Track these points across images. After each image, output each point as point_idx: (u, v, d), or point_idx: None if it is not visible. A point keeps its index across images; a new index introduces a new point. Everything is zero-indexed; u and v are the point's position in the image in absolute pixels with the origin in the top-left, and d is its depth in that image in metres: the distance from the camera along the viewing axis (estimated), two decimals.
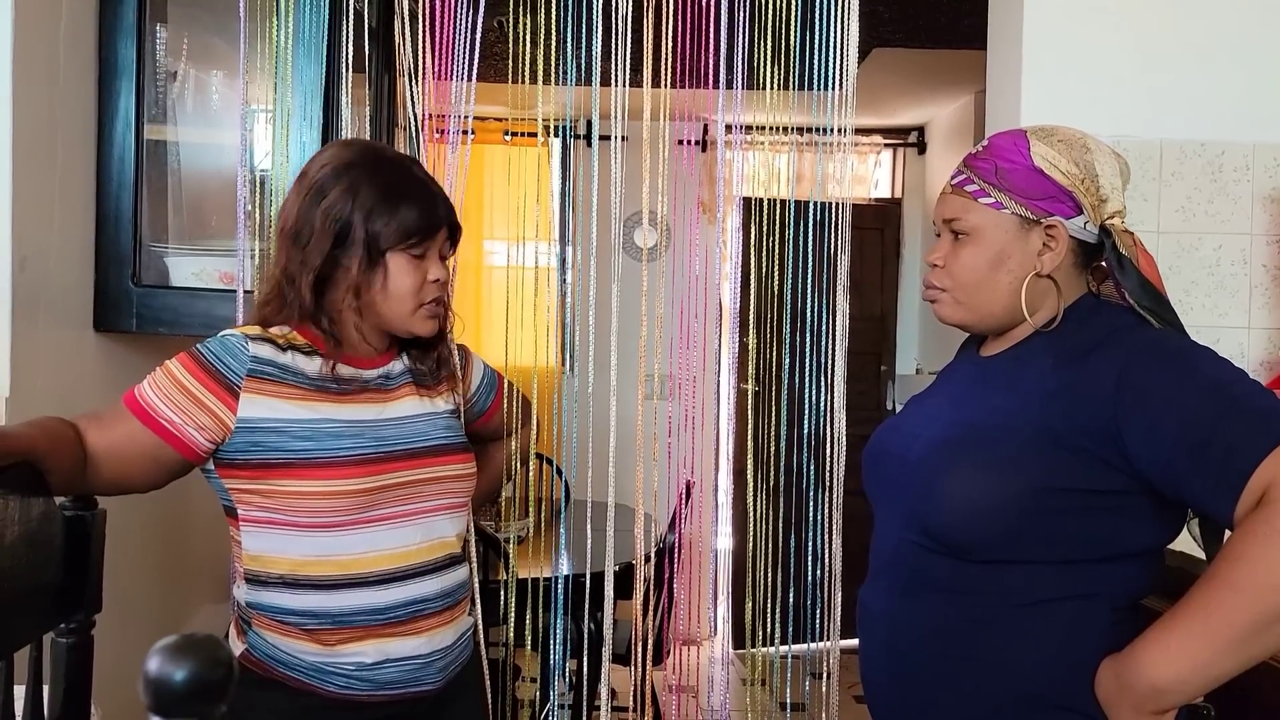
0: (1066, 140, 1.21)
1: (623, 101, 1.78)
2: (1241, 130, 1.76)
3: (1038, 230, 1.19)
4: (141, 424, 1.25)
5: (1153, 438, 1.07)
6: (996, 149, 1.24)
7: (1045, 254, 1.19)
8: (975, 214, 1.22)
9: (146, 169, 1.90)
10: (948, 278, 1.26)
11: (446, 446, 1.40)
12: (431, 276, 1.35)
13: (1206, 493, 1.05)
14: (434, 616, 1.35)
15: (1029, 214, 1.19)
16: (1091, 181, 1.18)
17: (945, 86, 4.07)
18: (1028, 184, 1.19)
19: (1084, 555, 1.13)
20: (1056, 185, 1.18)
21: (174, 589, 2.19)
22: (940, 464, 1.19)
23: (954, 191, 1.26)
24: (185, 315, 1.90)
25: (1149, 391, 1.08)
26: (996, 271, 1.21)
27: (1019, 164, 1.20)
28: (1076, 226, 1.19)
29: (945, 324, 1.28)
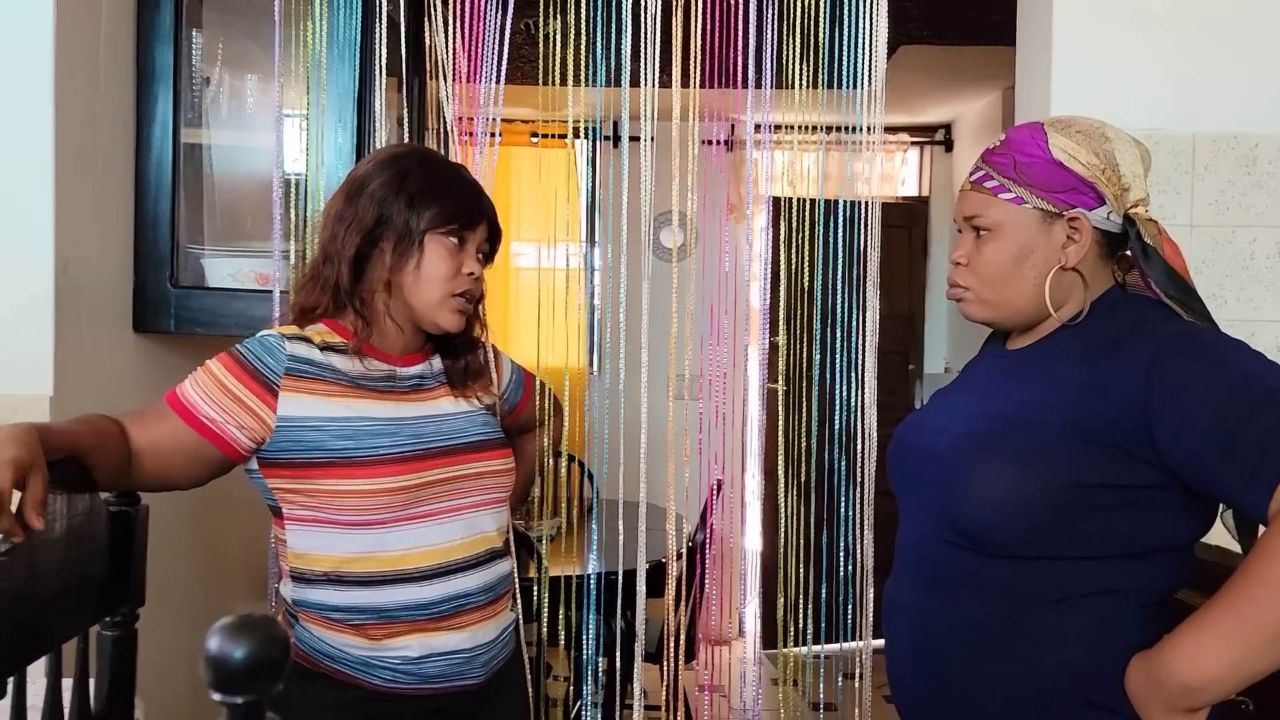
0: (1085, 131, 1.20)
1: (650, 102, 1.79)
2: (1276, 122, 1.74)
3: (1060, 223, 1.19)
4: (183, 422, 1.28)
5: (1184, 431, 1.06)
6: (1014, 143, 1.23)
7: (1069, 247, 1.19)
8: (996, 210, 1.21)
9: (183, 172, 1.94)
10: (971, 275, 1.25)
11: (486, 442, 1.42)
12: (467, 269, 1.37)
13: (1238, 487, 1.04)
14: (477, 611, 1.36)
15: (1051, 207, 1.18)
16: (1112, 171, 1.18)
17: (972, 83, 4.05)
18: (1048, 177, 1.18)
19: (1115, 551, 1.12)
20: (1077, 177, 1.17)
21: (210, 584, 2.22)
22: (968, 459, 1.19)
23: (973, 188, 1.25)
24: (222, 315, 1.93)
25: (1180, 384, 1.07)
26: (1020, 267, 1.20)
27: (1038, 157, 1.19)
28: (1100, 217, 1.18)
29: (971, 322, 1.28)
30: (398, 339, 1.40)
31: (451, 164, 1.43)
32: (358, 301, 1.36)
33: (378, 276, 1.36)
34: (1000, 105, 4.12)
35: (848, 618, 1.88)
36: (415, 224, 1.34)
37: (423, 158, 1.40)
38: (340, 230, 1.35)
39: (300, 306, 1.38)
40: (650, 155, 1.75)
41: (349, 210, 1.36)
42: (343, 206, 1.37)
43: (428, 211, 1.34)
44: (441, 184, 1.37)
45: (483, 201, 1.41)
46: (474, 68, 1.82)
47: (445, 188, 1.36)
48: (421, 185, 1.35)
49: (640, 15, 1.78)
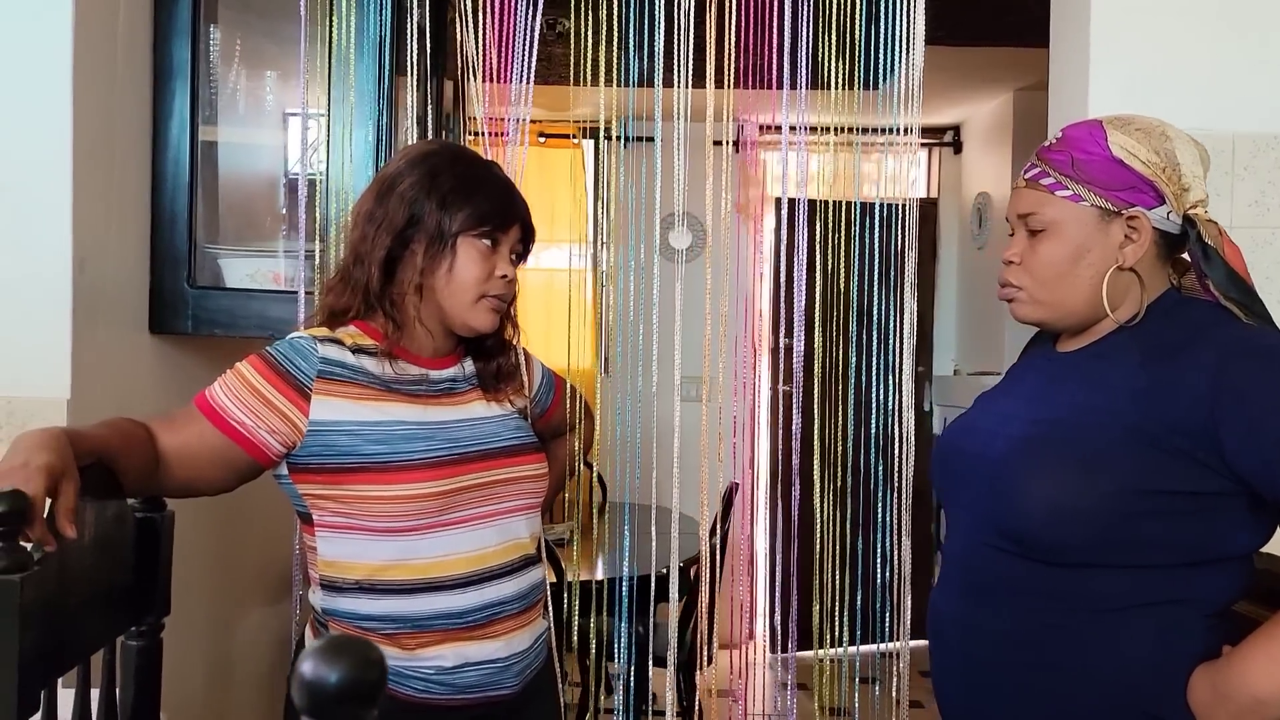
0: (1145, 129, 1.17)
1: (684, 102, 1.76)
2: None
3: (1119, 222, 1.16)
4: (213, 426, 1.24)
5: (1253, 437, 1.03)
6: (1072, 140, 1.20)
7: (1127, 246, 1.16)
8: (1052, 208, 1.18)
9: (200, 170, 1.90)
10: (1025, 275, 1.22)
11: (520, 447, 1.39)
12: (500, 272, 1.34)
13: None
14: (511, 619, 1.33)
15: (1109, 205, 1.15)
16: (1173, 170, 1.15)
17: (983, 85, 4.03)
18: (1107, 175, 1.15)
19: (1176, 559, 1.09)
20: (1137, 175, 1.15)
21: (225, 591, 2.18)
22: (1024, 464, 1.16)
23: (1028, 185, 1.22)
24: (241, 316, 1.90)
25: (1248, 389, 1.05)
26: (1077, 266, 1.17)
27: (1097, 155, 1.16)
28: (1159, 217, 1.15)
29: (1022, 323, 1.25)
30: (429, 342, 1.37)
31: (484, 161, 1.40)
32: (388, 304, 1.33)
33: (409, 278, 1.32)
34: (1011, 107, 4.10)
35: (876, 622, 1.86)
36: (447, 225, 1.31)
37: (455, 155, 1.37)
38: (370, 231, 1.32)
39: (330, 308, 1.35)
40: (683, 153, 1.72)
41: (379, 210, 1.32)
42: (373, 206, 1.33)
43: (460, 213, 1.31)
44: (474, 183, 1.33)
45: (516, 201, 1.37)
46: (504, 66, 1.79)
47: (478, 187, 1.33)
48: (454, 185, 1.32)
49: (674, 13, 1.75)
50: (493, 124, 1.88)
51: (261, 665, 2.36)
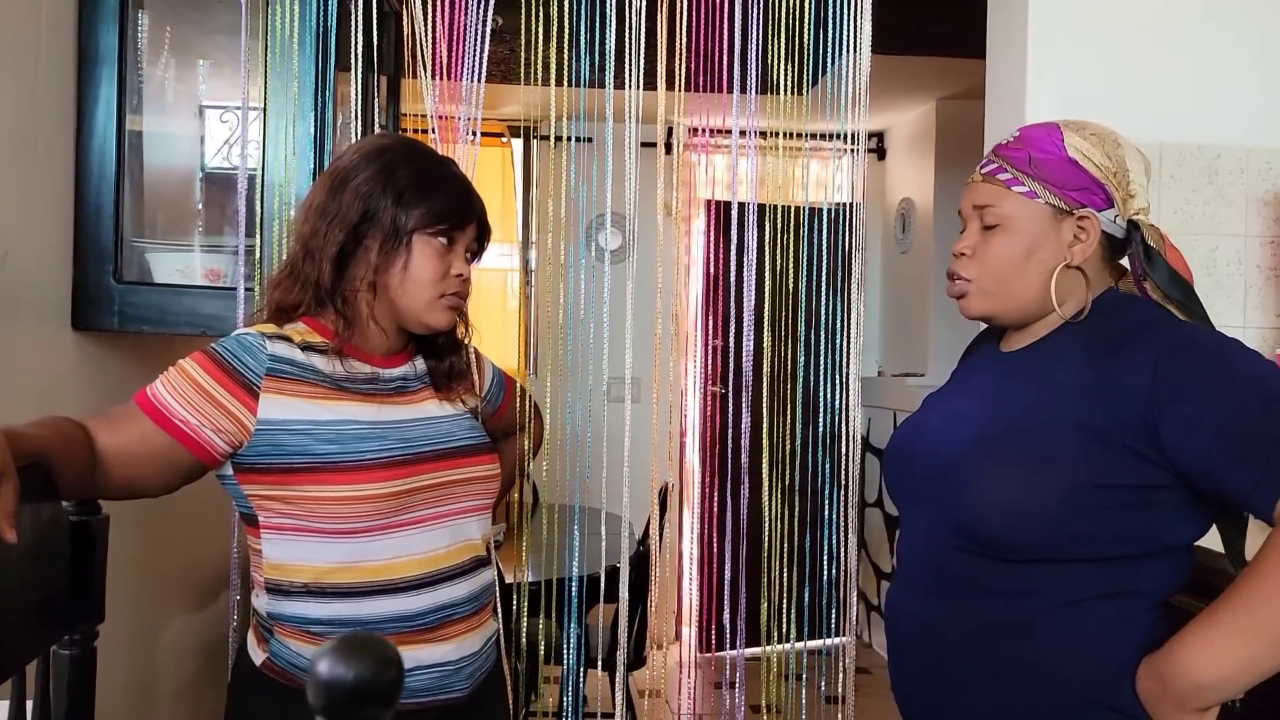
0: (1099, 134, 1.22)
1: (635, 104, 1.77)
2: (1236, 134, 1.81)
3: (1069, 221, 1.20)
4: (155, 425, 1.20)
5: (1191, 431, 1.07)
6: (1029, 139, 1.24)
7: (1076, 245, 1.20)
8: (1008, 202, 1.22)
9: (128, 161, 1.83)
10: (975, 267, 1.25)
11: (473, 447, 1.37)
12: (455, 271, 1.32)
13: (1248, 488, 1.05)
14: (462, 621, 1.31)
15: (1062, 204, 1.19)
16: (1123, 175, 1.20)
17: (907, 93, 4.12)
18: (1062, 174, 1.20)
19: (1125, 552, 1.13)
20: (1090, 177, 1.19)
21: (148, 595, 2.10)
22: (979, 463, 1.18)
23: (985, 180, 1.25)
24: (170, 313, 1.83)
25: (1186, 384, 1.09)
26: (1028, 261, 1.21)
27: (1054, 155, 1.21)
28: (1107, 219, 1.20)
29: (969, 317, 1.28)
30: (381, 340, 1.34)
31: (440, 158, 1.37)
32: (340, 300, 1.30)
33: (361, 275, 1.30)
34: (934, 115, 4.20)
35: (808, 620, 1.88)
36: (403, 222, 1.28)
37: (412, 151, 1.34)
38: (322, 225, 1.29)
39: (278, 304, 1.31)
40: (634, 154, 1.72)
41: (332, 204, 1.29)
42: (325, 200, 1.30)
43: (417, 210, 1.28)
44: (431, 181, 1.31)
45: (473, 200, 1.36)
46: (453, 63, 1.77)
47: (435, 185, 1.31)
48: (410, 181, 1.29)
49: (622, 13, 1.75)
50: (424, 121, 1.86)
51: (185, 672, 2.28)
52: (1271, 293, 1.80)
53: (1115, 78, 1.81)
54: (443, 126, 1.85)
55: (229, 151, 1.95)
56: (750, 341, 1.85)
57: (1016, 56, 1.83)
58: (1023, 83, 1.79)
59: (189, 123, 2.00)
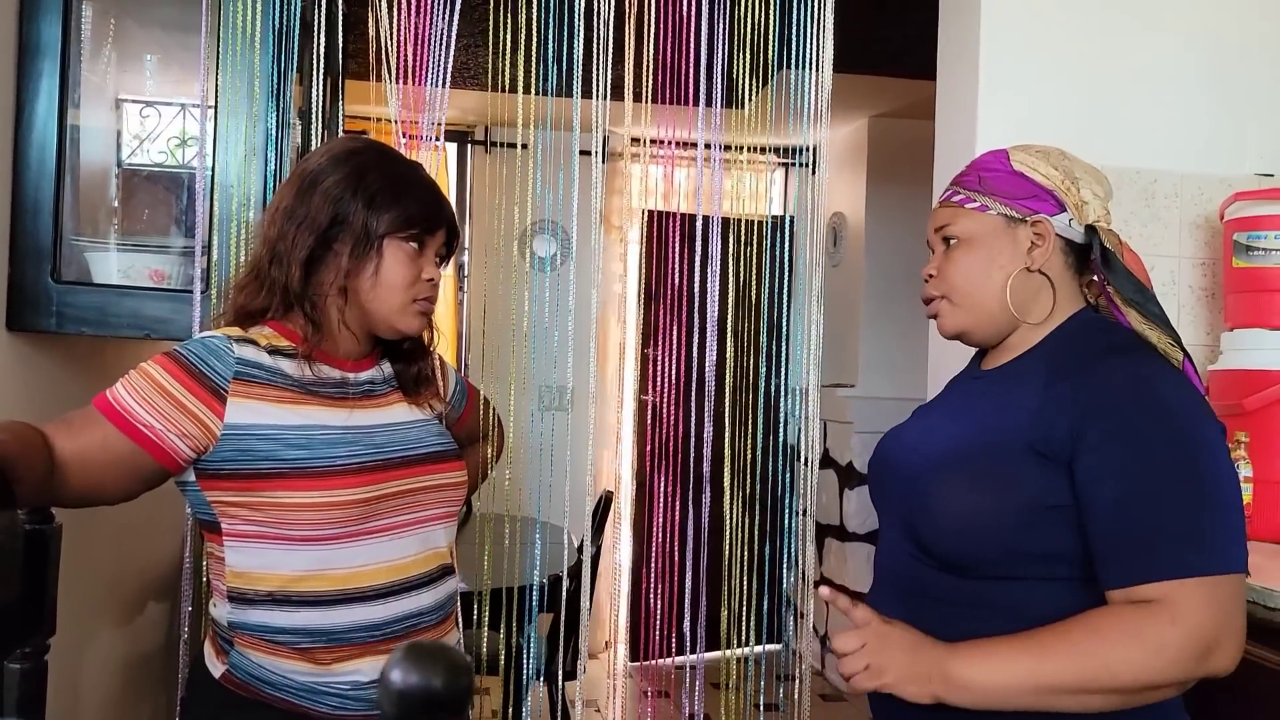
0: (1044, 150, 1.29)
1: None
2: (1173, 160, 1.89)
3: (1024, 228, 1.25)
4: (117, 430, 1.16)
5: (1095, 483, 1.09)
6: (979, 163, 1.32)
7: (1035, 250, 1.25)
8: (964, 220, 1.28)
9: (70, 157, 1.77)
10: (941, 284, 1.30)
11: (442, 453, 1.36)
12: (426, 275, 1.31)
13: (1107, 556, 1.08)
14: (429, 630, 1.30)
15: (1014, 213, 1.25)
16: (1070, 183, 1.26)
17: (840, 110, 4.20)
18: (1010, 185, 1.26)
19: (1078, 573, 1.14)
20: (1037, 185, 1.25)
21: (96, 605, 2.03)
22: (936, 480, 1.21)
23: (942, 205, 1.32)
24: (112, 315, 1.77)
25: (1106, 441, 1.10)
26: (989, 269, 1.25)
27: (1000, 169, 1.28)
28: (1062, 224, 1.25)
29: (946, 337, 1.32)
30: (351, 344, 1.32)
31: (410, 162, 1.36)
32: (308, 305, 1.28)
33: (331, 280, 1.28)
34: (866, 132, 4.29)
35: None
36: (374, 226, 1.27)
37: (382, 154, 1.33)
38: (291, 229, 1.26)
39: (243, 308, 1.28)
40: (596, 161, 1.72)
41: (301, 207, 1.27)
42: (293, 202, 1.28)
43: (388, 214, 1.27)
44: (402, 184, 1.30)
45: (443, 204, 1.35)
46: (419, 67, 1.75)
47: (406, 189, 1.30)
48: (381, 185, 1.28)
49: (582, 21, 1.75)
50: (360, 124, 1.84)
51: (114, 685, 2.20)
52: (1203, 311, 1.89)
53: (1063, 101, 1.88)
54: (386, 130, 1.83)
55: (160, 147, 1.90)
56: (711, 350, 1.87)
57: (968, 78, 1.89)
58: (974, 104, 1.85)
59: (133, 120, 1.94)
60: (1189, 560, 1.05)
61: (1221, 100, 1.93)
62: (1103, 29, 1.90)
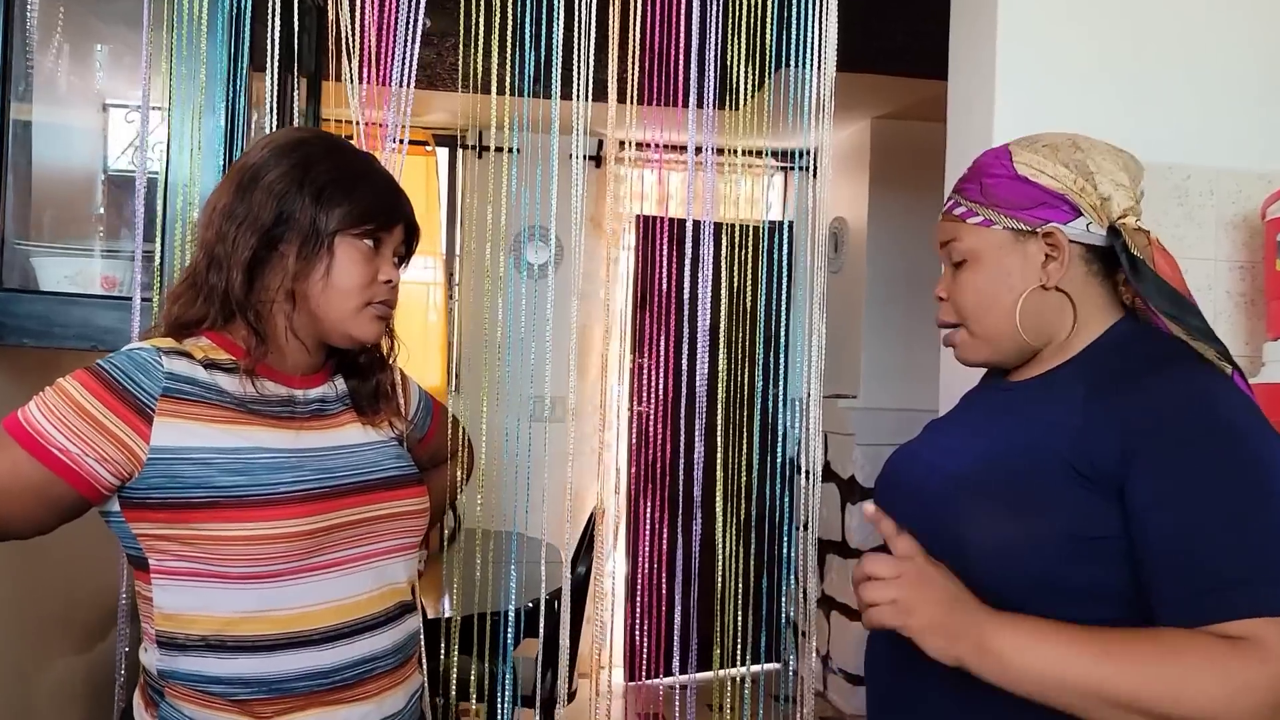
0: (1052, 144, 1.14)
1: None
2: (1205, 155, 1.75)
3: (1035, 241, 1.11)
4: (28, 454, 1.03)
5: (1152, 510, 0.97)
6: (980, 166, 1.18)
7: (1049, 264, 1.11)
8: (967, 236, 1.15)
9: (11, 154, 1.64)
10: (952, 310, 1.18)
11: (400, 479, 1.23)
12: (383, 276, 1.18)
13: (1170, 592, 0.96)
14: (385, 676, 1.17)
15: (1021, 225, 1.11)
16: (1086, 180, 1.11)
17: (842, 111, 4.07)
18: (1013, 194, 1.12)
19: (1122, 614, 1.01)
20: (1044, 190, 1.11)
21: (18, 640, 1.89)
22: (959, 505, 1.08)
23: (944, 218, 1.20)
24: (58, 324, 1.64)
25: (1163, 465, 0.97)
26: (999, 291, 1.13)
27: (1002, 176, 1.13)
28: (1078, 230, 1.11)
29: (969, 366, 1.19)
30: (300, 356, 1.19)
31: (361, 153, 1.23)
32: (252, 314, 1.14)
33: (277, 284, 1.15)
34: (868, 134, 4.17)
35: None
36: (324, 223, 1.14)
37: (330, 145, 1.20)
38: (230, 229, 1.13)
39: (178, 319, 1.15)
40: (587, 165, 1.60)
41: (241, 206, 1.14)
42: (232, 201, 1.15)
43: (338, 209, 1.14)
44: (353, 177, 1.17)
45: (400, 198, 1.22)
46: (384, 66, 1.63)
47: (358, 181, 1.17)
48: (331, 178, 1.15)
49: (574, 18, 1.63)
50: (348, 127, 1.72)
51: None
52: (1242, 319, 1.75)
53: (1087, 93, 1.74)
54: (367, 133, 1.71)
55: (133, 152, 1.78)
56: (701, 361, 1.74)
57: (983, 71, 1.75)
58: (990, 100, 1.71)
59: (88, 116, 1.81)
60: (1271, 596, 0.92)
61: (1260, 89, 1.78)
62: (1129, 14, 1.76)
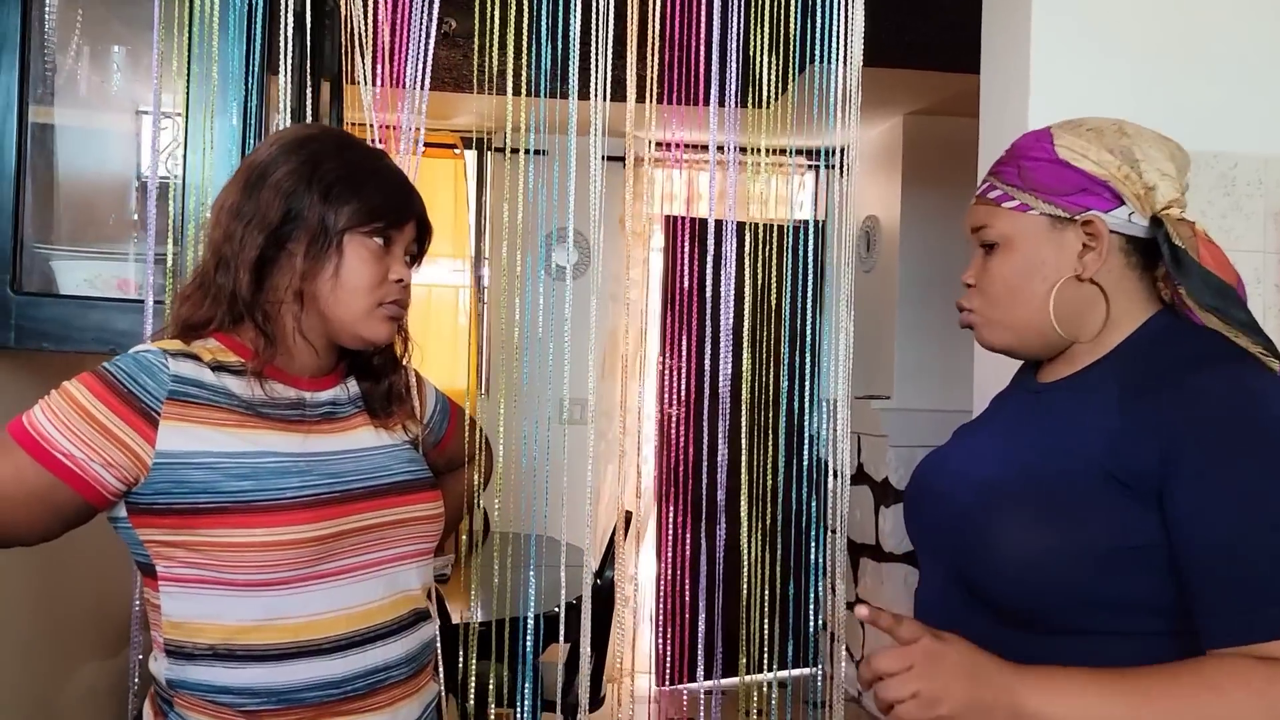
0: (1097, 128, 1.08)
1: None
2: (1253, 142, 1.68)
3: (1073, 229, 1.06)
4: (33, 459, 1.01)
5: (1196, 519, 0.91)
6: (1019, 149, 1.12)
7: (1086, 254, 1.06)
8: (1001, 221, 1.09)
9: (30, 158, 1.63)
10: (978, 296, 1.12)
11: (413, 483, 1.19)
12: (394, 275, 1.15)
13: (1215, 606, 0.90)
14: (398, 686, 1.14)
15: (1060, 212, 1.06)
16: (1130, 168, 1.05)
17: (873, 108, 4.01)
18: (1054, 179, 1.06)
19: (1163, 627, 0.96)
20: (1087, 176, 1.05)
21: (48, 644, 1.89)
22: (990, 514, 1.03)
23: (978, 202, 1.14)
24: (76, 328, 1.63)
25: (1208, 469, 0.92)
26: (1031, 280, 1.07)
27: (1042, 159, 1.08)
28: (1119, 220, 1.05)
29: (990, 350, 1.14)
30: (309, 358, 1.16)
31: (372, 149, 1.20)
32: (260, 315, 1.12)
33: (285, 284, 1.12)
34: (900, 131, 4.10)
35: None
36: (332, 221, 1.11)
37: (340, 141, 1.17)
38: (238, 228, 1.11)
39: (185, 321, 1.13)
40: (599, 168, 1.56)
41: (249, 204, 1.11)
42: (240, 199, 1.12)
43: (347, 206, 1.11)
44: (363, 173, 1.14)
45: (411, 195, 1.19)
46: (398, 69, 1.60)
47: (368, 178, 1.14)
48: (340, 174, 1.12)
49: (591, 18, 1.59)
50: (376, 131, 1.69)
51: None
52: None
53: (1126, 80, 1.67)
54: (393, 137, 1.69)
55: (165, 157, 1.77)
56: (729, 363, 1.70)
57: (1017, 57, 1.68)
58: (1024, 88, 1.65)
59: (105, 116, 1.80)
60: None
61: None
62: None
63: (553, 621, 2.20)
